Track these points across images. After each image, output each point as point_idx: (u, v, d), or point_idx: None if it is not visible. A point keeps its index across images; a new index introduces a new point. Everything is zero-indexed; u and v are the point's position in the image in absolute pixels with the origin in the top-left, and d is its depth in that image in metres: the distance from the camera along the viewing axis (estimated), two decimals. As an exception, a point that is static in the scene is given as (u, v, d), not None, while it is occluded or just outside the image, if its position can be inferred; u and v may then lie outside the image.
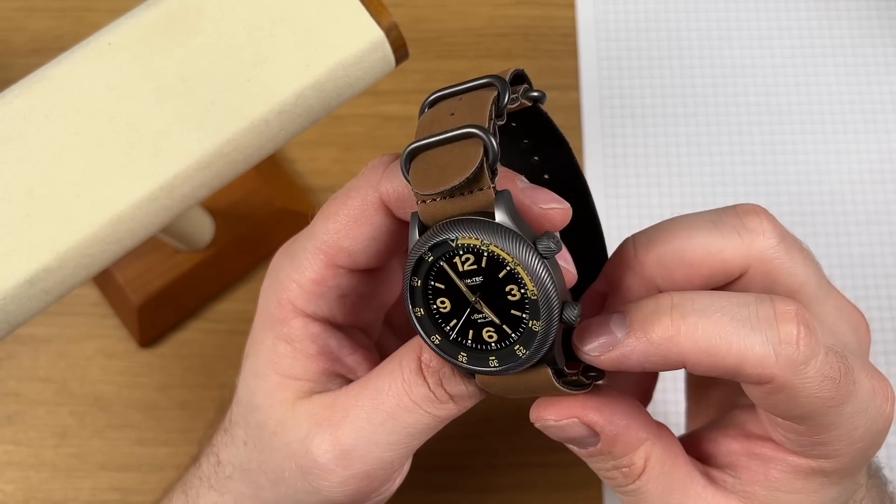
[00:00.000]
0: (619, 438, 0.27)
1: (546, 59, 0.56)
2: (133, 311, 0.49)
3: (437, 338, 0.26)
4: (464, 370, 0.26)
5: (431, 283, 0.25)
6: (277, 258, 0.31)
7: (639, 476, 0.27)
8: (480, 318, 0.25)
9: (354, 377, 0.30)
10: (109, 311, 0.51)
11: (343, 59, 0.35)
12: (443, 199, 0.24)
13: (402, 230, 0.28)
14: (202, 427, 0.48)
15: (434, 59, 0.56)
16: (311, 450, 0.28)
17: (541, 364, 0.25)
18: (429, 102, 0.27)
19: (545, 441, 0.44)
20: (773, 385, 0.24)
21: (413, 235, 0.25)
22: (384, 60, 0.36)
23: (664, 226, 0.28)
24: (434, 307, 0.26)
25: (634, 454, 0.27)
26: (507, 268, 0.24)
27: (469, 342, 0.26)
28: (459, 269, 0.25)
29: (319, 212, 0.29)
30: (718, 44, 0.56)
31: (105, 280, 0.50)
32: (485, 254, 0.24)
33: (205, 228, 0.49)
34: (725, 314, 0.24)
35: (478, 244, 0.24)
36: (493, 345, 0.25)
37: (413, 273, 0.25)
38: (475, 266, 0.25)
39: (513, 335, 0.25)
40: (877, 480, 0.31)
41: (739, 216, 0.27)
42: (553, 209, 0.25)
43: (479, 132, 0.24)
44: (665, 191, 0.53)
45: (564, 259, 0.25)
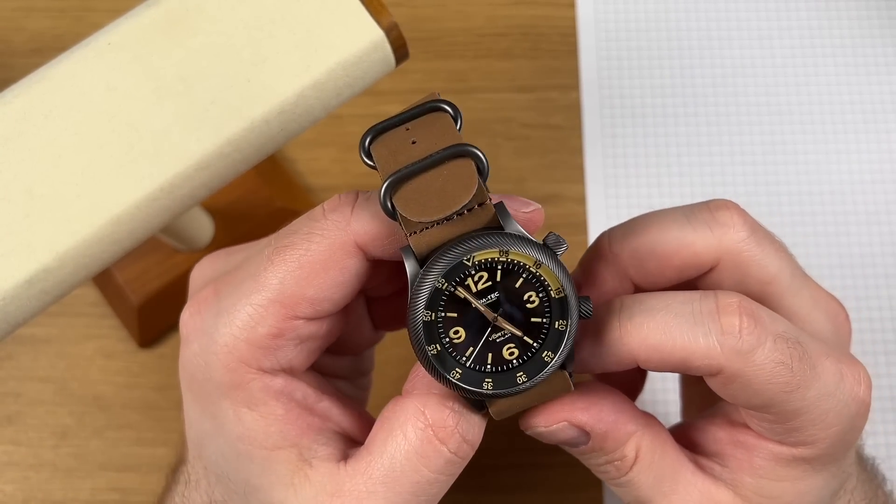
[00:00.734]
0: (609, 435, 0.27)
1: (546, 59, 0.56)
2: (133, 312, 0.49)
3: (458, 372, 0.25)
4: (491, 398, 0.25)
5: (442, 315, 0.24)
6: (201, 316, 0.27)
7: (630, 468, 0.28)
8: (499, 338, 0.25)
9: (332, 426, 0.28)
10: (109, 312, 0.51)
11: (343, 59, 0.35)
12: (438, 226, 0.24)
13: (372, 270, 0.27)
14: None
15: (434, 59, 0.56)
16: None
17: (561, 369, 0.25)
18: (370, 138, 0.25)
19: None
20: (725, 375, 0.25)
21: (413, 269, 0.24)
22: (384, 60, 0.36)
23: (638, 220, 0.29)
24: (447, 340, 0.25)
25: (625, 447, 0.27)
26: (524, 275, 0.24)
27: (489, 366, 0.25)
28: (473, 290, 0.24)
29: (268, 258, 0.26)
30: (718, 44, 0.56)
31: (105, 280, 0.50)
32: (499, 267, 0.24)
33: (204, 228, 0.49)
34: (670, 312, 0.25)
35: (496, 256, 0.24)
36: (515, 361, 0.25)
37: (427, 307, 0.24)
38: (489, 283, 0.24)
39: (534, 344, 0.25)
40: (871, 474, 0.31)
41: (711, 211, 0.28)
42: (534, 211, 0.26)
43: (471, 148, 0.24)
44: (665, 191, 0.53)
45: None
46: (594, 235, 0.52)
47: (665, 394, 0.49)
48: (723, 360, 0.25)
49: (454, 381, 0.25)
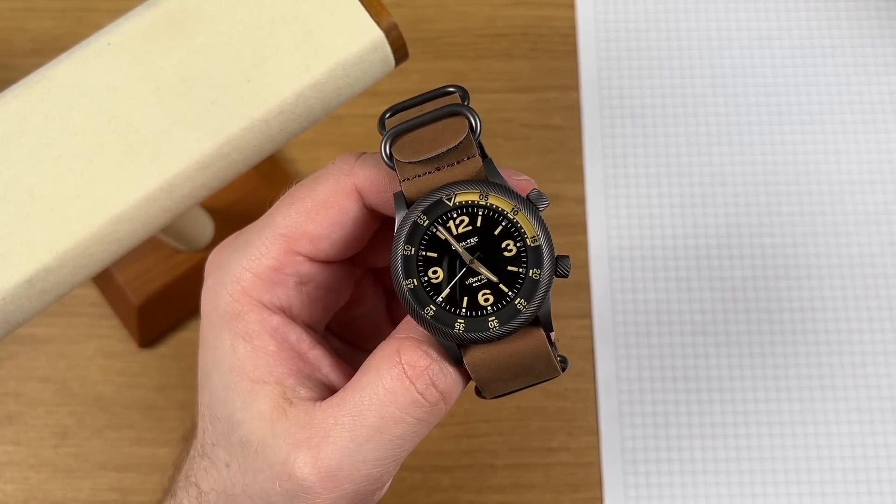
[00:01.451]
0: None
1: (546, 59, 0.56)
2: (133, 312, 0.49)
3: (432, 309, 0.26)
4: (462, 340, 0.26)
5: (423, 253, 0.26)
6: (221, 254, 0.30)
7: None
8: (476, 282, 0.26)
9: (320, 375, 0.29)
10: (109, 312, 0.51)
11: (343, 60, 0.35)
12: (429, 174, 0.26)
13: (369, 222, 0.29)
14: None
15: (434, 60, 0.56)
16: (294, 474, 0.27)
17: (536, 326, 0.26)
18: (390, 114, 0.28)
19: (545, 441, 0.44)
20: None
21: (400, 213, 0.26)
22: (384, 61, 0.36)
23: None
24: (426, 279, 0.26)
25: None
26: (503, 223, 0.26)
27: (464, 310, 0.26)
28: (454, 233, 0.26)
29: (280, 199, 0.29)
30: (718, 44, 0.56)
31: (105, 280, 0.50)
32: (480, 212, 0.25)
33: (204, 228, 0.49)
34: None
35: (476, 199, 0.25)
36: (490, 308, 0.26)
37: (406, 241, 0.26)
38: (470, 227, 0.26)
39: (509, 293, 0.26)
40: None
41: None
42: (524, 180, 0.27)
43: (463, 108, 0.26)
44: (665, 191, 0.53)
45: None
46: (594, 235, 0.52)
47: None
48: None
49: (428, 318, 0.26)
